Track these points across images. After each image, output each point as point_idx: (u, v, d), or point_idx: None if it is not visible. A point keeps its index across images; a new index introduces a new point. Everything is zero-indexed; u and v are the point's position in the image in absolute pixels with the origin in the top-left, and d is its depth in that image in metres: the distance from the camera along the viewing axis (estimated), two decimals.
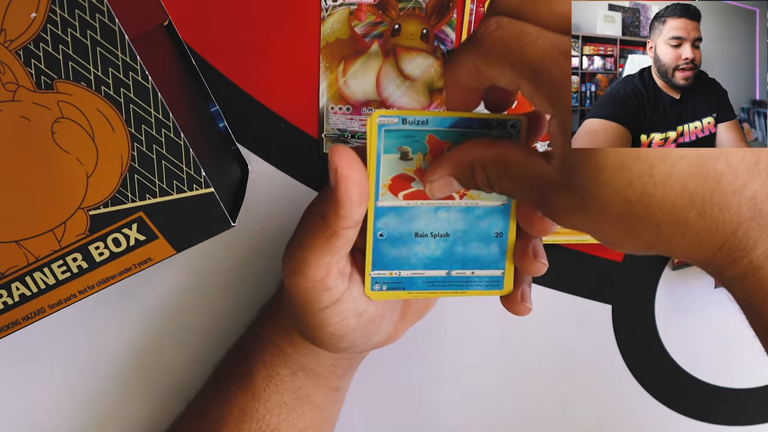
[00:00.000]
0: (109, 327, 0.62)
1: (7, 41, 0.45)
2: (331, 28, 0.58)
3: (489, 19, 0.40)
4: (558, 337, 0.62)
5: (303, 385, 0.55)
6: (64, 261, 0.50)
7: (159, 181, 0.48)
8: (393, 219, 0.46)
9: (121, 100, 0.47)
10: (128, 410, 0.63)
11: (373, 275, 0.47)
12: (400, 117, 0.43)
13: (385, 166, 0.44)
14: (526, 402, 0.63)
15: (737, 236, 0.37)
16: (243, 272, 0.62)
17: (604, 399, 0.63)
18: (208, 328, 0.62)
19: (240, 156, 0.60)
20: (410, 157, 0.44)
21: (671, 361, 0.63)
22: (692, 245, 0.38)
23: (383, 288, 0.48)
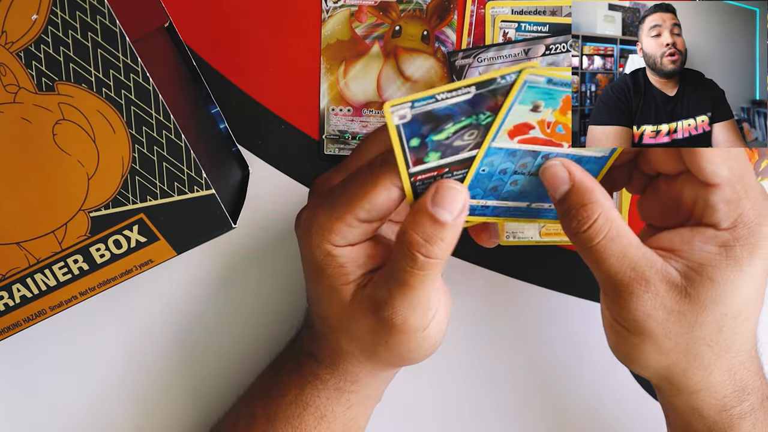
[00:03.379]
0: (110, 329, 0.62)
1: (8, 43, 0.46)
2: (332, 29, 0.58)
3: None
4: (558, 338, 0.62)
5: (356, 414, 0.55)
6: (65, 263, 0.50)
7: (160, 183, 0.48)
8: (499, 158, 0.48)
9: (122, 102, 0.47)
10: (128, 413, 0.63)
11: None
12: (547, 77, 0.45)
13: (513, 114, 0.46)
14: (525, 401, 0.63)
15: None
16: (243, 274, 0.62)
17: (603, 399, 0.63)
18: (208, 331, 0.62)
19: (241, 157, 0.60)
20: (541, 110, 0.46)
21: None
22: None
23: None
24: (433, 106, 0.45)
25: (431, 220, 0.46)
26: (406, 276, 0.46)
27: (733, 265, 0.45)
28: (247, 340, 0.62)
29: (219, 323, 0.62)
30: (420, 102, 0.44)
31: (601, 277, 0.47)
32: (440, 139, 0.46)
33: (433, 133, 0.46)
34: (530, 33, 0.58)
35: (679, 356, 0.47)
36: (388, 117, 0.44)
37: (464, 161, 0.47)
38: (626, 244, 0.46)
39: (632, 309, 0.46)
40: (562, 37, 0.57)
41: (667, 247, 0.47)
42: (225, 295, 0.62)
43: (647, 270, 0.45)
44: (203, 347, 0.62)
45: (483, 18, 0.58)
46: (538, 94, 0.46)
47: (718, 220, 0.45)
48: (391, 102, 0.44)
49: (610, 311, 0.47)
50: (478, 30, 0.58)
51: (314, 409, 0.54)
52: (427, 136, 0.46)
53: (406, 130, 0.45)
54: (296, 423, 0.54)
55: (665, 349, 0.46)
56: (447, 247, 0.46)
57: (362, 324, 0.49)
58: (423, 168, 0.47)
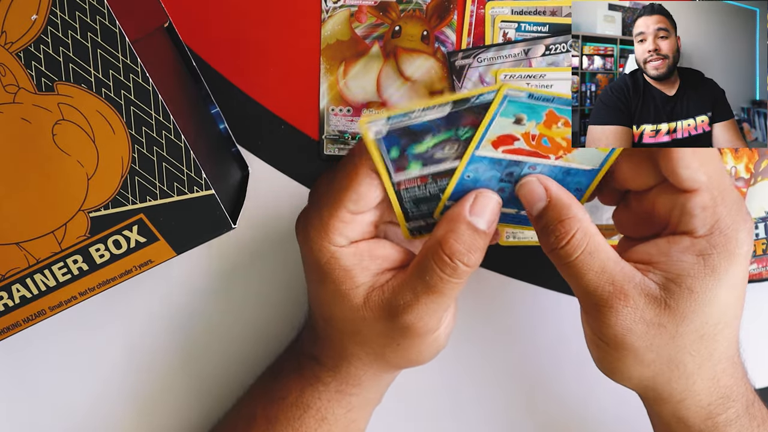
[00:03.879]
0: (110, 329, 0.62)
1: (7, 43, 0.46)
2: (332, 29, 0.58)
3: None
4: (558, 338, 0.62)
5: (356, 417, 0.55)
6: (65, 263, 0.50)
7: (159, 183, 0.48)
8: (483, 166, 0.48)
9: (122, 102, 0.47)
10: (128, 413, 0.63)
11: (446, 201, 0.50)
12: (527, 92, 0.46)
13: (496, 126, 0.47)
14: (524, 401, 0.63)
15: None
16: (243, 274, 0.62)
17: (603, 399, 0.63)
18: (208, 331, 0.62)
19: (240, 158, 0.60)
20: (524, 123, 0.47)
21: None
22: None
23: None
24: (408, 122, 0.46)
25: (471, 228, 0.47)
26: (439, 283, 0.47)
27: (710, 274, 0.45)
28: (247, 340, 0.62)
29: (219, 323, 0.62)
30: (395, 118, 0.46)
31: (580, 293, 0.47)
32: (420, 152, 0.47)
33: (413, 144, 0.47)
34: (530, 33, 0.58)
35: (662, 367, 0.47)
36: (365, 132, 0.46)
37: (448, 171, 0.48)
38: (604, 259, 0.46)
39: (612, 324, 0.46)
40: (562, 37, 0.57)
41: (645, 259, 0.47)
42: (225, 295, 0.62)
43: (626, 284, 0.45)
44: (203, 347, 0.62)
45: (483, 18, 0.58)
46: (520, 109, 0.47)
47: (694, 227, 0.45)
48: (367, 118, 0.46)
49: (591, 327, 0.48)
50: (478, 30, 0.58)
51: (315, 412, 0.54)
52: (407, 148, 0.47)
53: (386, 142, 0.46)
54: (297, 425, 0.54)
55: (648, 361, 0.46)
56: (482, 255, 0.47)
57: (374, 327, 0.49)
58: (406, 177, 0.48)
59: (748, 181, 0.55)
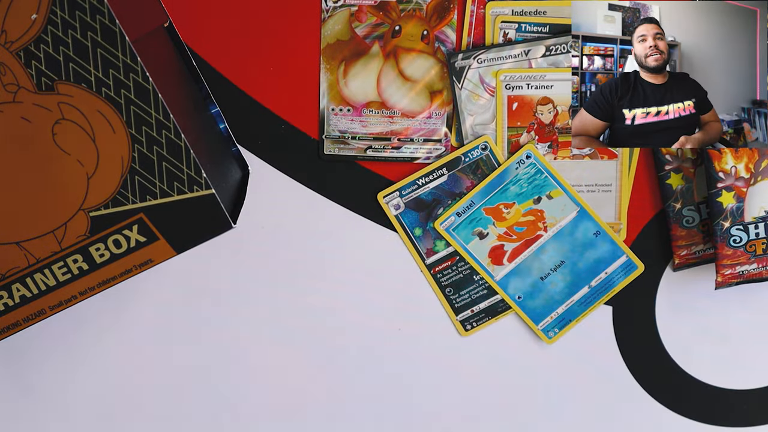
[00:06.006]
0: (110, 329, 0.62)
1: (7, 42, 0.46)
2: (332, 29, 0.58)
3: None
4: (559, 338, 0.62)
5: None
6: (65, 262, 0.50)
7: (159, 183, 0.48)
8: (514, 281, 0.56)
9: (122, 102, 0.47)
10: (128, 413, 0.63)
11: (540, 327, 0.58)
12: (453, 213, 0.54)
13: (476, 252, 0.54)
14: (525, 401, 0.63)
15: None
16: (243, 274, 0.62)
17: (604, 399, 0.63)
18: (208, 331, 0.62)
19: (240, 157, 0.60)
20: (485, 233, 0.54)
21: (671, 362, 0.63)
22: None
23: (556, 331, 0.58)
24: (418, 192, 0.53)
25: None
26: None
27: None
28: (247, 339, 0.62)
29: (219, 323, 0.62)
30: (406, 189, 0.53)
31: None
32: (438, 228, 0.54)
33: (430, 220, 0.53)
34: (530, 33, 0.58)
35: None
36: (386, 208, 0.53)
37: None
38: None
39: None
40: (562, 37, 0.56)
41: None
42: (225, 295, 0.62)
43: None
44: (203, 347, 0.62)
45: (483, 18, 0.58)
46: (466, 228, 0.54)
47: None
48: (382, 192, 0.53)
49: None
50: (478, 30, 0.58)
51: None
52: (426, 224, 0.53)
53: (406, 220, 0.52)
54: None
55: None
56: None
57: None
58: (436, 258, 0.54)
59: (748, 181, 0.55)
